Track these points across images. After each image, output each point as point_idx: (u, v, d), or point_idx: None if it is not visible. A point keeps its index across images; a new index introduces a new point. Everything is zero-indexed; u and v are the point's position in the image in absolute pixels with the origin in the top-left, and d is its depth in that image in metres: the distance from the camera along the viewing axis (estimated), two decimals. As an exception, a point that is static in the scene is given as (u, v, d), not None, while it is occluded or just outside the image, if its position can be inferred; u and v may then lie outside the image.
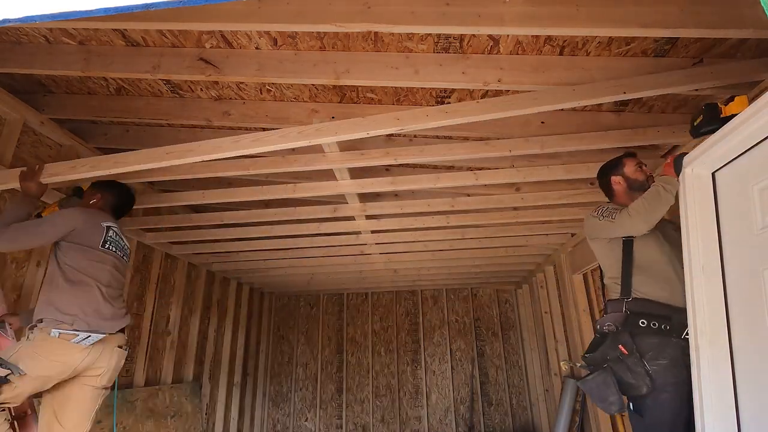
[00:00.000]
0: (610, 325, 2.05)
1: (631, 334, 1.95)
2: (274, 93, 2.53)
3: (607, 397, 1.96)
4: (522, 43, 2.04)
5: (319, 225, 3.76)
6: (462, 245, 4.40)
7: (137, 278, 3.94)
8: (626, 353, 1.92)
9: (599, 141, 2.46)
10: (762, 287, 1.60)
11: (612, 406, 1.97)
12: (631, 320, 1.98)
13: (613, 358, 1.96)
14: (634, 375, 1.90)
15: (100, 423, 3.28)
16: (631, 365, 1.91)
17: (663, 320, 1.94)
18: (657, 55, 2.06)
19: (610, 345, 1.99)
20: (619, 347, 1.94)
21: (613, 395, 1.94)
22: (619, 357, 1.94)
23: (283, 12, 1.78)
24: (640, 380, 1.89)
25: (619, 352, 1.94)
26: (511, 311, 6.80)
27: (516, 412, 6.35)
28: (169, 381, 4.28)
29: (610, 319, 2.06)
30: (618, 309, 2.05)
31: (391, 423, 6.44)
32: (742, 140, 1.68)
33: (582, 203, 3.40)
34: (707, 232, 1.84)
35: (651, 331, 1.94)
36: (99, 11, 0.78)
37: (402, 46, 2.09)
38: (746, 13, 1.66)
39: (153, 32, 2.09)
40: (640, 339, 1.94)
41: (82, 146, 2.98)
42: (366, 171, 3.06)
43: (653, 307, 1.98)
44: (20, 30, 2.13)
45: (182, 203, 3.34)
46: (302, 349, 6.98)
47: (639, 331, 1.95)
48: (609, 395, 1.95)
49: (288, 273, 5.44)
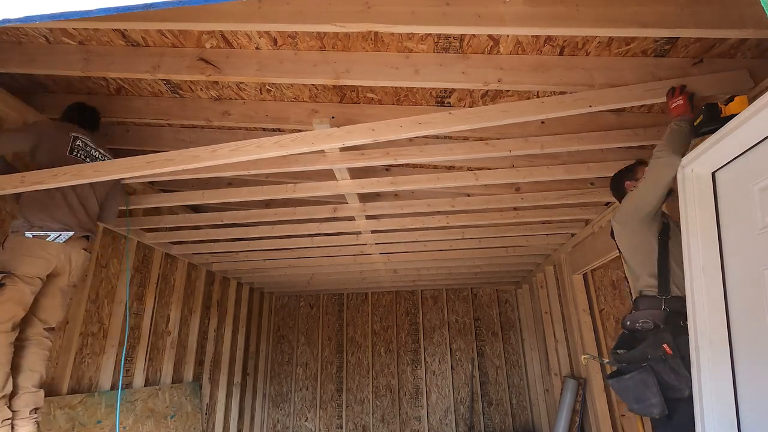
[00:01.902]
0: (646, 322, 1.96)
1: (672, 334, 1.86)
2: (274, 93, 2.53)
3: (647, 398, 1.86)
4: (522, 43, 2.04)
5: (319, 225, 3.76)
6: (462, 245, 4.40)
7: (137, 278, 3.94)
8: (670, 353, 1.83)
9: (599, 141, 2.46)
10: (762, 287, 1.60)
11: (653, 408, 1.86)
12: (672, 319, 1.89)
13: (655, 357, 1.87)
14: (677, 377, 1.82)
15: (100, 423, 3.29)
16: (674, 366, 1.82)
17: None
18: (657, 55, 2.06)
19: (652, 344, 1.89)
20: (663, 347, 1.85)
21: (654, 396, 1.84)
22: (662, 357, 1.85)
23: (283, 12, 1.78)
24: (683, 382, 1.80)
25: (662, 352, 1.85)
26: (511, 311, 6.81)
27: (516, 412, 6.35)
28: (169, 381, 4.28)
29: (647, 316, 1.97)
30: (655, 306, 1.96)
31: (391, 423, 6.44)
32: (742, 140, 1.68)
33: (582, 203, 3.41)
34: (707, 232, 1.84)
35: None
36: (99, 11, 0.78)
37: (402, 46, 2.09)
38: (746, 13, 1.66)
39: (153, 32, 2.09)
40: (681, 339, 1.85)
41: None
42: (366, 171, 3.06)
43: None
44: (20, 30, 2.13)
45: (182, 203, 3.34)
46: (302, 349, 6.98)
47: (680, 331, 1.86)
48: (649, 396, 1.85)
49: (288, 273, 5.44)
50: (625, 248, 2.21)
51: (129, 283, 3.75)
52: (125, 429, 3.56)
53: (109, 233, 3.56)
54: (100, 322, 3.48)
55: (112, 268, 3.63)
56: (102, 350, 3.48)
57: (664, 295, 1.96)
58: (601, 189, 3.10)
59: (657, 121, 2.46)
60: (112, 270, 3.63)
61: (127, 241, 3.65)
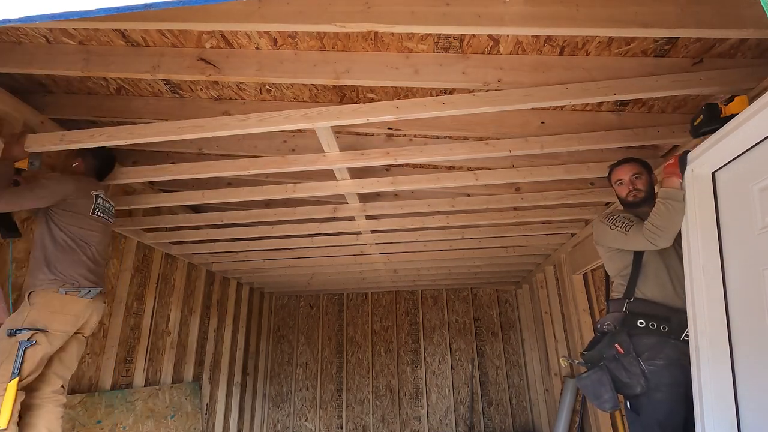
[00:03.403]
0: (609, 324, 2.07)
1: (629, 334, 1.97)
2: (274, 93, 2.53)
3: (601, 395, 2.00)
4: (522, 43, 2.04)
5: (319, 225, 3.76)
6: (462, 245, 4.40)
7: (137, 278, 3.94)
8: (622, 352, 1.95)
9: (599, 141, 2.45)
10: (762, 287, 1.60)
11: (605, 404, 2.00)
12: (629, 320, 2.00)
13: (609, 356, 1.99)
14: (628, 374, 1.93)
15: (100, 423, 3.29)
16: (626, 364, 1.93)
17: (662, 321, 1.95)
18: (657, 55, 2.06)
19: (607, 344, 2.02)
20: (615, 346, 1.98)
21: (607, 393, 1.97)
22: (615, 356, 1.97)
23: (283, 12, 1.78)
24: (634, 380, 1.91)
25: (615, 351, 1.97)
26: (511, 311, 6.81)
27: (516, 412, 6.35)
28: (169, 381, 4.28)
29: (610, 318, 2.09)
30: (618, 309, 2.07)
31: (391, 423, 6.44)
32: (742, 140, 1.68)
33: (582, 203, 3.41)
34: (707, 232, 1.84)
35: (649, 332, 1.95)
36: (99, 11, 0.78)
37: (402, 46, 2.09)
38: (746, 13, 1.66)
39: (153, 32, 2.09)
40: (637, 339, 1.96)
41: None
42: (366, 171, 3.06)
43: (653, 308, 1.99)
44: (20, 30, 2.13)
45: (182, 203, 3.34)
46: (302, 349, 6.98)
47: (637, 331, 1.97)
48: (603, 393, 1.98)
49: (288, 273, 5.44)
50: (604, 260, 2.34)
51: (129, 283, 3.74)
52: (125, 429, 3.55)
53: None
54: (100, 322, 3.47)
55: (112, 268, 3.63)
56: (102, 350, 3.48)
57: (627, 298, 2.05)
58: (601, 189, 3.10)
59: (657, 121, 2.46)
60: (112, 270, 3.63)
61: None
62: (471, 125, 2.58)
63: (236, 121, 2.24)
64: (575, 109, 2.51)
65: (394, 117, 2.18)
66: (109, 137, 2.32)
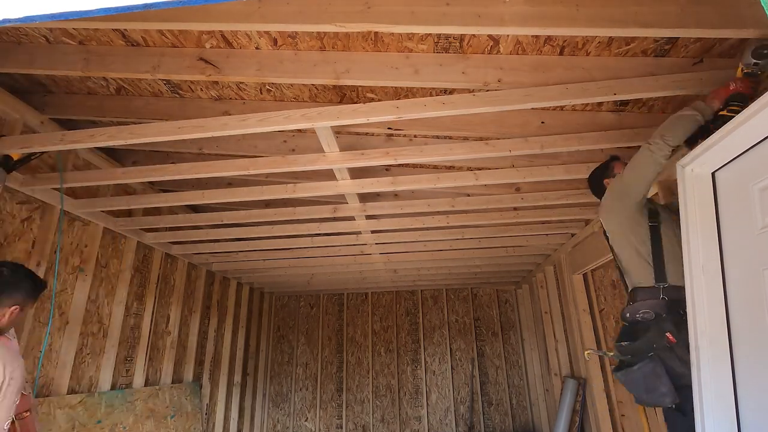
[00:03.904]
0: (647, 312, 1.91)
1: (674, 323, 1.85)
2: (274, 93, 2.53)
3: (657, 388, 1.83)
4: (522, 43, 2.04)
5: (319, 225, 3.76)
6: (462, 245, 4.40)
7: (137, 278, 3.94)
8: (674, 341, 1.82)
9: (599, 141, 2.45)
10: (762, 287, 1.60)
11: (664, 398, 1.83)
12: (672, 307, 1.87)
13: (661, 346, 1.84)
14: (684, 364, 1.80)
15: (99, 423, 3.29)
16: (680, 354, 1.81)
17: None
18: (657, 55, 2.06)
19: (656, 333, 1.86)
20: (666, 335, 1.83)
21: (664, 386, 1.81)
22: (667, 345, 1.83)
23: (283, 12, 1.78)
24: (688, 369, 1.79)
25: (666, 340, 1.83)
26: (511, 311, 6.81)
27: (516, 412, 6.35)
28: (169, 381, 4.28)
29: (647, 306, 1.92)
30: (653, 296, 1.92)
31: (391, 423, 6.44)
32: (742, 140, 1.68)
33: (582, 203, 3.41)
34: (707, 232, 1.84)
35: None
36: (99, 11, 0.78)
37: (402, 46, 2.09)
38: (746, 13, 1.66)
39: (153, 32, 2.09)
40: (683, 328, 1.83)
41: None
42: (366, 171, 3.06)
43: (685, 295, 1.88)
44: (20, 30, 2.13)
45: (182, 203, 3.34)
46: (302, 349, 6.98)
47: (681, 320, 1.85)
48: (660, 386, 1.82)
49: (288, 273, 5.44)
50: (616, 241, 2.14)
51: (129, 283, 3.74)
52: (125, 429, 3.56)
53: (108, 233, 3.56)
54: (100, 322, 3.48)
55: (112, 268, 3.63)
56: (102, 350, 3.48)
57: (661, 284, 1.92)
58: (601, 189, 3.10)
59: (657, 121, 2.45)
60: (112, 270, 3.63)
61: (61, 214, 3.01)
62: (471, 125, 2.59)
63: (236, 121, 2.25)
64: (575, 109, 2.51)
65: (394, 117, 2.18)
66: (109, 137, 2.32)
